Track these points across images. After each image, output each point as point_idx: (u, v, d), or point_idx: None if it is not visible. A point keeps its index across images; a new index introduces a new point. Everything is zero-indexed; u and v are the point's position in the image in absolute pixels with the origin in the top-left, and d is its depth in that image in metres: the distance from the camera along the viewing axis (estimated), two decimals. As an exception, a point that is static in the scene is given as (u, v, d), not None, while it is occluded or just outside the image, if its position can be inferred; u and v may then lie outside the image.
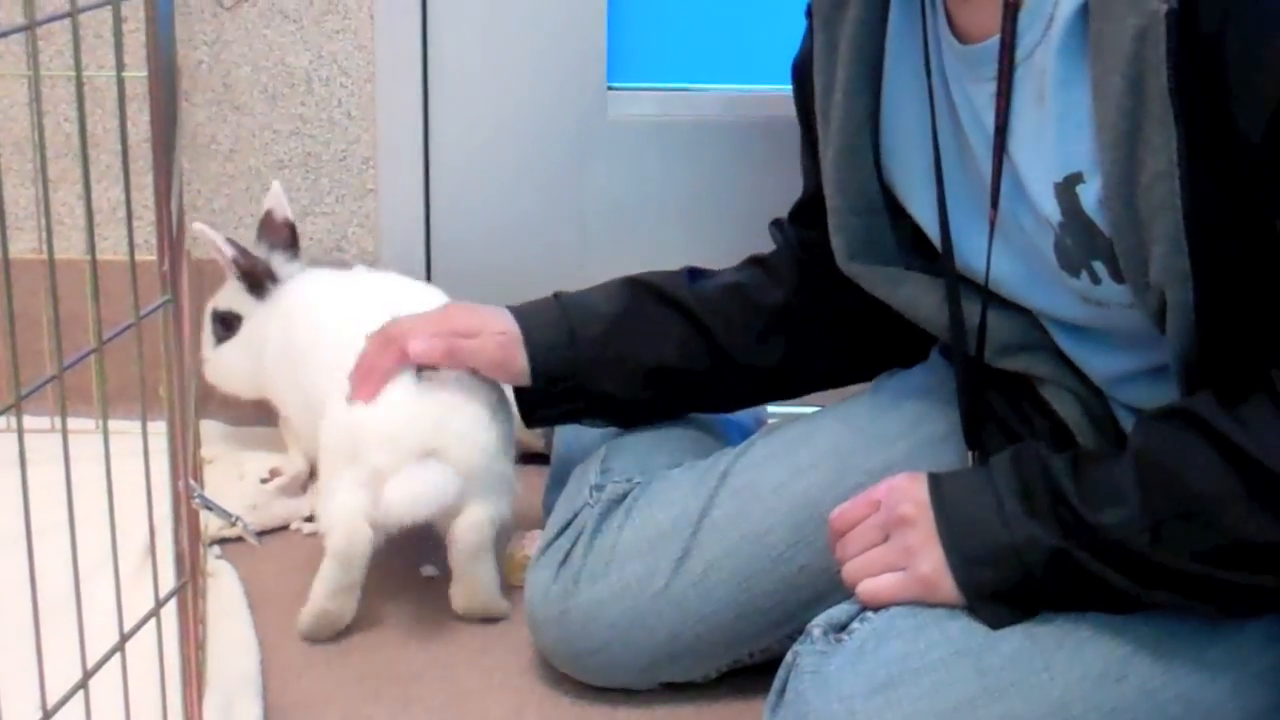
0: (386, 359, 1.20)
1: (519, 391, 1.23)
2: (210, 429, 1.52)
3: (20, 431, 0.81)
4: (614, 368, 1.22)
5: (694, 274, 1.26)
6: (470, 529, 1.21)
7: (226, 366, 1.47)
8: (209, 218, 1.64)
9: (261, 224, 1.46)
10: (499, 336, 1.20)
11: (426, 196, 1.66)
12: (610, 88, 1.65)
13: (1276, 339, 0.89)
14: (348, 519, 1.19)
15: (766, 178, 1.64)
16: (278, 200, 1.46)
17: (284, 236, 1.45)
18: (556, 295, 1.25)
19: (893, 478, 1.02)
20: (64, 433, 0.85)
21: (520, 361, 1.20)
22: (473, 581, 1.23)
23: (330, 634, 1.22)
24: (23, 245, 1.61)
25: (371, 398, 1.20)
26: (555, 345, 1.20)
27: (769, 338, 1.24)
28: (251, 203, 1.64)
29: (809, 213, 1.20)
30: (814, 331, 1.24)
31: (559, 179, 1.66)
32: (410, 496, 1.18)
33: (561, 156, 1.65)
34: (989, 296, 1.06)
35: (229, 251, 1.42)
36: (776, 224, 1.29)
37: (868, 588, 0.99)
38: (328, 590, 1.21)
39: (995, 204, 1.01)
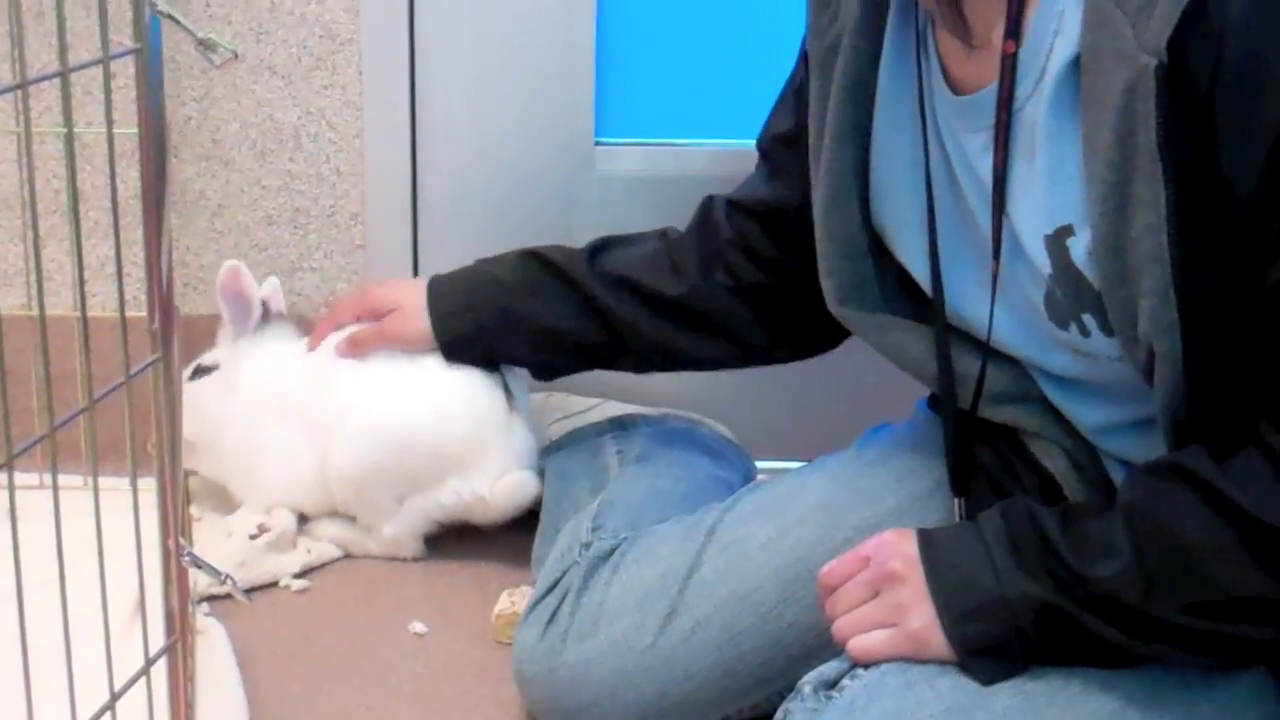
0: (322, 326, 1.46)
1: None
2: (197, 485, 1.52)
3: (11, 488, 0.81)
4: (509, 333, 1.38)
5: (595, 252, 1.37)
6: None
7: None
8: (197, 273, 1.64)
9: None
10: (404, 313, 1.41)
11: (415, 252, 1.66)
12: (598, 143, 1.65)
13: (1265, 392, 0.90)
14: None
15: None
16: (275, 294, 1.51)
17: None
18: (474, 263, 1.42)
19: (882, 534, 1.01)
20: (55, 489, 0.85)
21: (417, 329, 1.40)
22: None
23: None
24: (11, 301, 1.61)
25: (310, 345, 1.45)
26: (453, 312, 1.39)
27: (661, 325, 1.34)
28: (239, 258, 1.63)
29: (764, 216, 1.29)
30: (707, 323, 1.32)
31: (547, 234, 1.64)
32: None
33: (550, 211, 1.65)
34: (989, 351, 1.07)
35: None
36: (711, 204, 1.35)
37: (858, 644, 0.99)
38: None
39: (997, 255, 1.01)
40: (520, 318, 1.36)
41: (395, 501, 1.41)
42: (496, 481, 1.40)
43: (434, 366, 1.40)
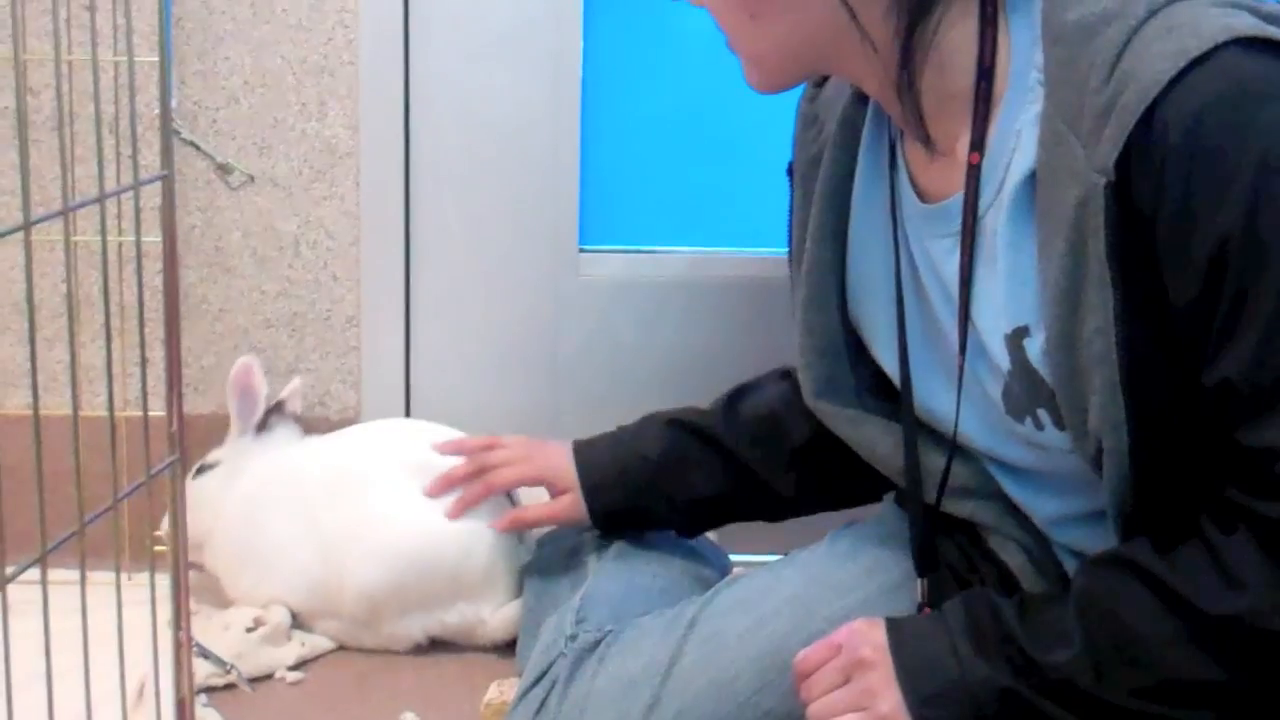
0: (476, 493, 1.44)
1: None
2: (193, 579, 1.52)
3: (44, 582, 0.85)
4: (665, 508, 1.40)
5: (732, 402, 1.39)
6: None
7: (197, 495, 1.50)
8: (198, 374, 1.69)
9: (272, 407, 1.55)
10: (568, 498, 1.42)
11: (407, 354, 1.71)
12: (582, 250, 1.71)
13: (1206, 486, 0.95)
14: None
15: (727, 334, 1.70)
16: (295, 395, 1.57)
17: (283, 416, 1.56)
18: (616, 433, 1.43)
19: (853, 623, 1.07)
20: (82, 584, 0.90)
21: (583, 512, 1.41)
22: None
23: None
24: (18, 401, 1.66)
25: (454, 512, 1.44)
26: (609, 488, 1.40)
27: (804, 469, 1.35)
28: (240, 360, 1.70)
29: None
30: (829, 466, 1.32)
31: (534, 336, 1.71)
32: None
33: (536, 315, 1.71)
34: (954, 447, 1.12)
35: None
36: None
37: None
38: None
39: (963, 351, 1.07)
40: (671, 492, 1.39)
41: (402, 614, 1.45)
42: (498, 609, 1.45)
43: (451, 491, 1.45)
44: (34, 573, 0.89)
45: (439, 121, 1.67)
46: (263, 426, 1.52)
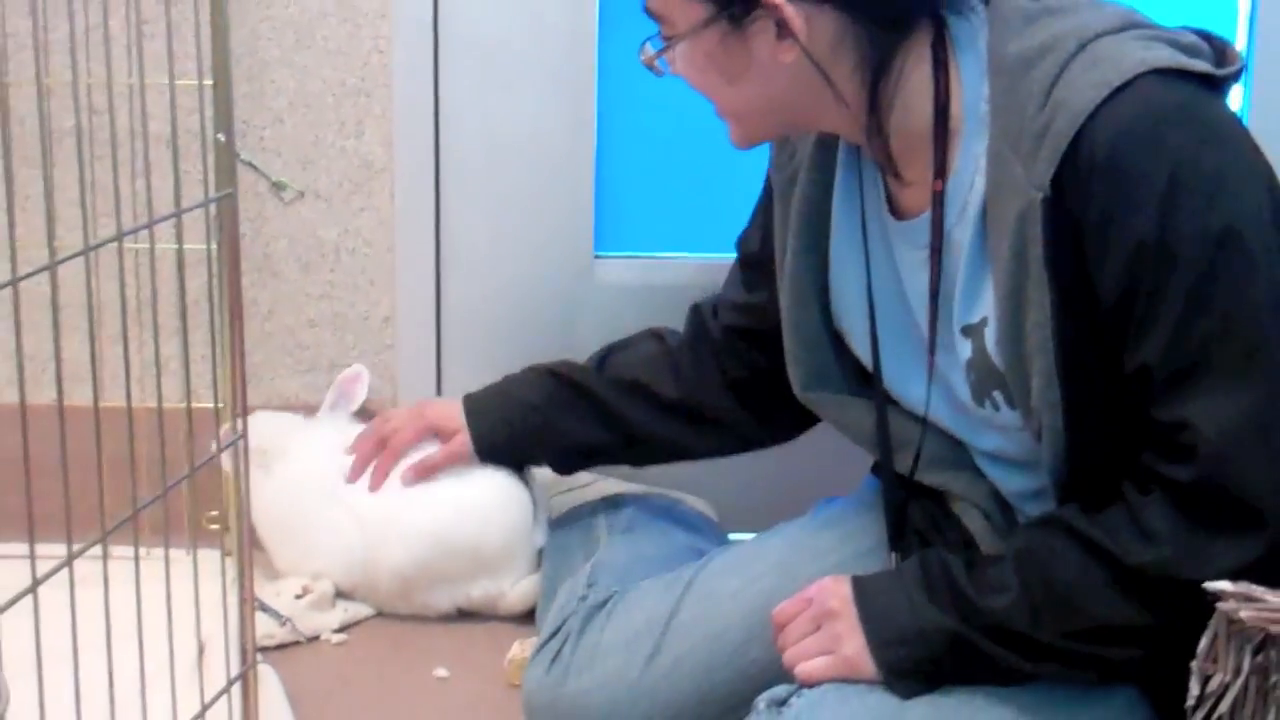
0: (386, 461, 1.56)
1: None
2: None
3: (136, 543, 1.00)
4: (544, 449, 1.55)
5: (602, 361, 1.51)
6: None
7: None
8: (250, 369, 1.81)
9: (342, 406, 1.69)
10: (458, 438, 1.55)
11: (438, 351, 1.81)
12: (597, 256, 1.78)
13: (1130, 458, 1.08)
14: None
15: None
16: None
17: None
18: (502, 381, 1.57)
19: (823, 579, 1.20)
20: (165, 558, 1.03)
21: (471, 455, 1.55)
22: None
23: None
24: (80, 396, 1.80)
25: (373, 484, 1.57)
26: (496, 433, 1.55)
27: (668, 424, 1.49)
28: (286, 356, 1.82)
29: (746, 323, 1.45)
30: (703, 418, 1.47)
31: (553, 337, 1.78)
32: None
33: (555, 317, 1.79)
34: (926, 425, 1.25)
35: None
36: (700, 311, 1.51)
37: (804, 669, 1.17)
38: None
39: (933, 350, 1.20)
40: (551, 436, 1.53)
41: (431, 588, 1.59)
42: (516, 583, 1.59)
43: (475, 479, 1.58)
44: (95, 549, 1.00)
45: (466, 139, 1.76)
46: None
